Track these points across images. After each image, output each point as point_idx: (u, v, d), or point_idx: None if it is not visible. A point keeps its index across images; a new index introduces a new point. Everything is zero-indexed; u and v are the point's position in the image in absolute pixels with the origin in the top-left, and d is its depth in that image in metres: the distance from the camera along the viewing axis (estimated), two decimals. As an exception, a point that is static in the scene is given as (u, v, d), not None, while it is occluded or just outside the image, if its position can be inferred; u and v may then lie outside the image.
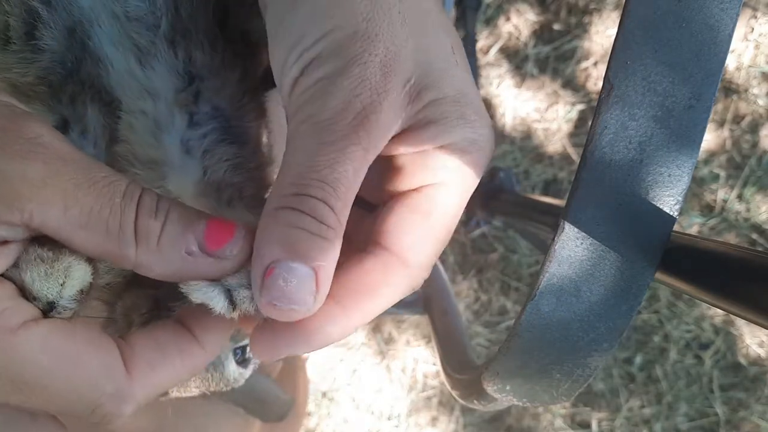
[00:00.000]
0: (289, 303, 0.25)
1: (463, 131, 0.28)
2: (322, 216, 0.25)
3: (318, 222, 0.25)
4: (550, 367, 0.36)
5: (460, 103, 0.28)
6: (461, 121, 0.28)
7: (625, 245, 0.34)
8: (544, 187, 1.58)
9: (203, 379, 0.42)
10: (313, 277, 0.25)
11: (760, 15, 1.57)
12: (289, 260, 0.25)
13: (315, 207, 0.25)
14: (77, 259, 0.27)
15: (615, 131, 0.33)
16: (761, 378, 1.57)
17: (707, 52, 0.33)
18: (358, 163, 0.26)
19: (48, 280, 0.26)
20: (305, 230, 0.25)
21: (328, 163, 0.26)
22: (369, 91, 0.26)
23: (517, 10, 1.58)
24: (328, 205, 0.26)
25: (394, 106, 0.27)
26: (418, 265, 0.28)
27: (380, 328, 1.59)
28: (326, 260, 0.26)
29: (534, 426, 1.58)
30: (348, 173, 0.26)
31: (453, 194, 0.29)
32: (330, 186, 0.26)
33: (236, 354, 0.44)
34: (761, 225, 1.56)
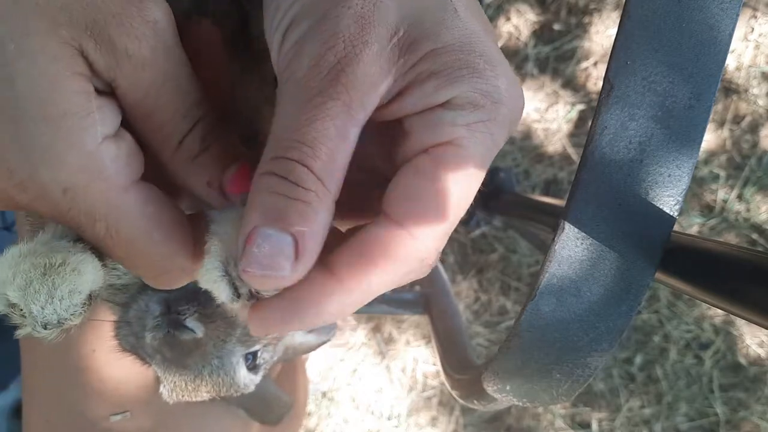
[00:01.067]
0: (262, 269, 0.24)
1: (472, 82, 0.25)
2: (299, 178, 0.24)
3: (293, 185, 0.24)
4: (550, 367, 0.36)
5: (464, 52, 0.25)
6: (467, 71, 0.25)
7: (625, 245, 0.34)
8: (544, 187, 1.58)
9: (214, 384, 0.42)
10: (290, 243, 0.24)
11: (760, 15, 1.57)
12: (265, 226, 0.24)
13: (291, 169, 0.24)
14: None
15: (615, 131, 0.33)
16: (761, 378, 1.57)
17: (707, 52, 0.33)
18: (341, 120, 0.24)
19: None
20: (282, 194, 0.24)
21: (305, 122, 0.24)
22: (343, 44, 0.24)
23: (517, 10, 1.58)
24: (306, 166, 0.24)
25: (378, 59, 0.25)
26: (423, 236, 0.25)
27: (380, 328, 1.59)
28: (307, 224, 0.24)
29: (534, 426, 1.58)
30: (329, 131, 0.24)
31: (466, 155, 0.25)
32: (307, 146, 0.24)
33: (247, 359, 0.44)
34: (761, 225, 1.56)
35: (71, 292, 0.27)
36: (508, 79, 0.26)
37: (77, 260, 0.27)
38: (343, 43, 0.24)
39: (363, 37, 0.25)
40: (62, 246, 0.28)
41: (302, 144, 0.24)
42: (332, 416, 1.58)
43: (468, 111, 0.25)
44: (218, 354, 0.41)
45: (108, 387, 0.53)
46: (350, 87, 0.24)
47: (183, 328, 0.38)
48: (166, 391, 0.43)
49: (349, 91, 0.24)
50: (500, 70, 0.26)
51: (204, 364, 0.41)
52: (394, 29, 0.25)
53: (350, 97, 0.24)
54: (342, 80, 0.24)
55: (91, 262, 0.28)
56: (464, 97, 0.25)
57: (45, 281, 0.26)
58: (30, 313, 0.26)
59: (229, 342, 0.41)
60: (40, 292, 0.26)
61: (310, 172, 0.24)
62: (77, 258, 0.27)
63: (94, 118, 0.24)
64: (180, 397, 0.44)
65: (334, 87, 0.24)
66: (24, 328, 0.27)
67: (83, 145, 0.24)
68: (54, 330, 0.27)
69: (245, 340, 0.42)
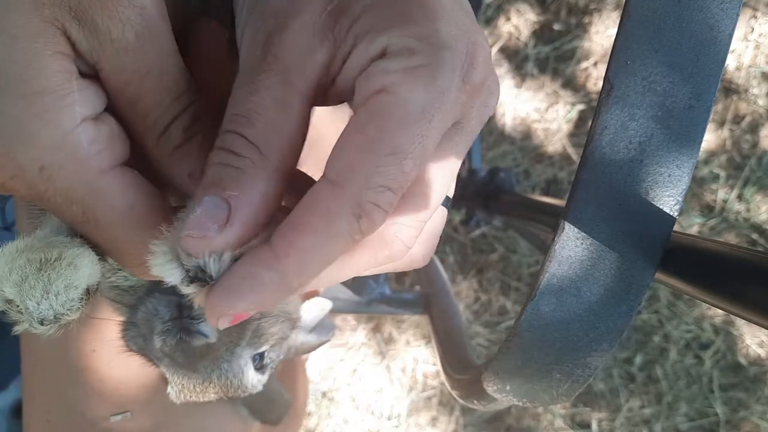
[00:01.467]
0: (188, 228, 0.24)
1: (404, 28, 0.24)
2: (232, 145, 0.24)
3: (228, 152, 0.24)
4: (550, 367, 0.36)
5: (398, 3, 0.24)
6: (399, 19, 0.24)
7: (625, 245, 0.34)
8: (544, 187, 1.58)
9: (222, 386, 0.42)
10: (223, 207, 0.24)
11: (760, 15, 1.57)
12: (203, 193, 0.24)
13: (227, 139, 0.25)
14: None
15: (615, 131, 0.33)
16: (761, 378, 1.57)
17: (707, 52, 0.33)
18: (276, 89, 0.24)
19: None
20: (218, 163, 0.25)
21: (242, 95, 0.25)
22: (273, 18, 0.25)
23: (517, 10, 1.58)
24: (240, 134, 0.24)
25: (312, 27, 0.25)
26: (350, 185, 0.23)
27: (380, 328, 1.59)
28: (239, 189, 0.24)
29: (534, 426, 1.58)
30: (264, 101, 0.24)
31: (398, 101, 0.23)
32: (243, 116, 0.24)
33: (255, 360, 0.44)
34: (761, 225, 1.56)
35: (67, 287, 0.26)
36: (453, 22, 0.24)
37: (73, 254, 0.27)
38: (273, 18, 0.25)
39: (292, 8, 0.25)
40: (59, 241, 0.28)
41: (238, 115, 0.25)
42: (332, 416, 1.58)
43: (402, 57, 0.24)
44: (228, 358, 0.41)
45: (108, 387, 0.54)
46: (280, 57, 0.24)
47: (195, 333, 0.38)
48: (173, 392, 0.43)
49: (279, 61, 0.24)
50: (441, 13, 0.24)
51: (214, 368, 0.41)
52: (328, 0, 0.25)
53: (284, 66, 0.24)
54: (272, 51, 0.24)
55: (88, 256, 0.27)
56: (397, 43, 0.24)
57: (41, 276, 0.26)
58: (26, 309, 0.26)
59: (239, 345, 0.41)
60: (36, 287, 0.26)
61: (243, 139, 0.24)
62: (73, 252, 0.27)
63: (73, 98, 0.24)
64: (187, 398, 0.44)
65: (265, 59, 0.24)
66: (21, 324, 0.26)
67: (59, 124, 0.24)
68: (51, 325, 0.27)
69: (254, 342, 0.42)
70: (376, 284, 0.90)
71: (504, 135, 1.58)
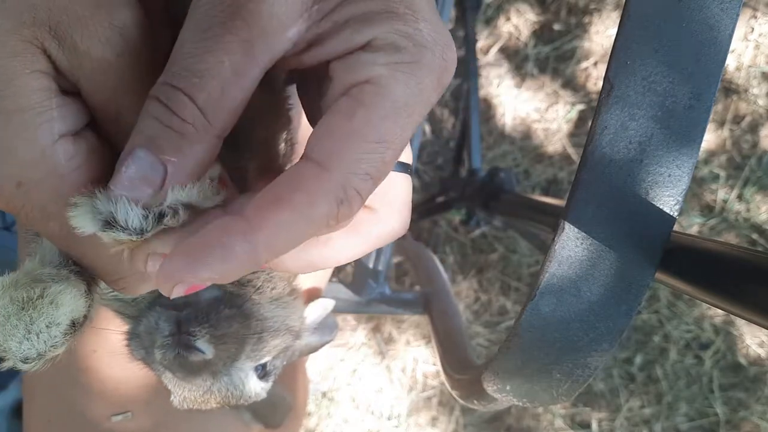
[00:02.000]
0: (122, 188, 0.23)
1: (391, 24, 0.24)
2: (178, 107, 0.23)
3: (171, 112, 0.23)
4: (550, 367, 0.36)
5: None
6: (387, 15, 0.24)
7: (625, 245, 0.34)
8: (544, 187, 1.58)
9: (223, 397, 0.43)
10: (159, 170, 0.23)
11: (760, 15, 1.57)
12: (137, 147, 0.23)
13: (173, 97, 0.23)
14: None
15: (615, 131, 0.33)
16: (761, 378, 1.57)
17: (707, 52, 0.33)
18: (238, 56, 0.23)
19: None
20: (158, 120, 0.23)
21: (198, 51, 0.23)
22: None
23: (517, 10, 1.58)
24: (189, 96, 0.23)
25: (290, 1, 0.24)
26: (336, 169, 0.23)
27: (380, 328, 1.59)
28: (178, 155, 0.23)
29: (534, 426, 1.58)
30: (223, 65, 0.23)
31: (384, 94, 0.24)
32: (195, 76, 0.23)
33: (257, 370, 0.44)
34: (761, 225, 1.56)
35: (49, 326, 0.26)
36: (432, 25, 0.25)
37: (55, 292, 0.27)
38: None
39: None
40: (45, 274, 0.28)
41: (190, 73, 0.23)
42: (332, 416, 1.58)
43: (388, 52, 0.24)
44: (227, 372, 0.42)
45: (109, 387, 0.53)
46: (251, 23, 0.23)
47: (193, 349, 0.38)
48: (176, 400, 0.44)
49: (250, 27, 0.23)
50: (423, 15, 0.25)
51: (213, 381, 0.42)
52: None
53: (251, 34, 0.23)
54: (243, 14, 0.23)
55: (70, 292, 0.27)
56: (384, 38, 0.24)
57: (22, 316, 0.26)
58: (9, 349, 0.26)
59: (238, 360, 0.42)
60: (18, 327, 0.26)
61: (192, 102, 0.23)
62: (56, 289, 0.27)
63: (51, 115, 0.24)
64: (190, 406, 0.44)
65: (233, 20, 0.23)
66: (7, 361, 0.27)
67: (36, 141, 0.24)
68: (36, 362, 0.27)
69: (254, 355, 0.42)
70: (376, 284, 0.90)
71: (504, 135, 1.58)
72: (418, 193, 1.58)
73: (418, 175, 1.58)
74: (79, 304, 0.28)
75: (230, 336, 0.39)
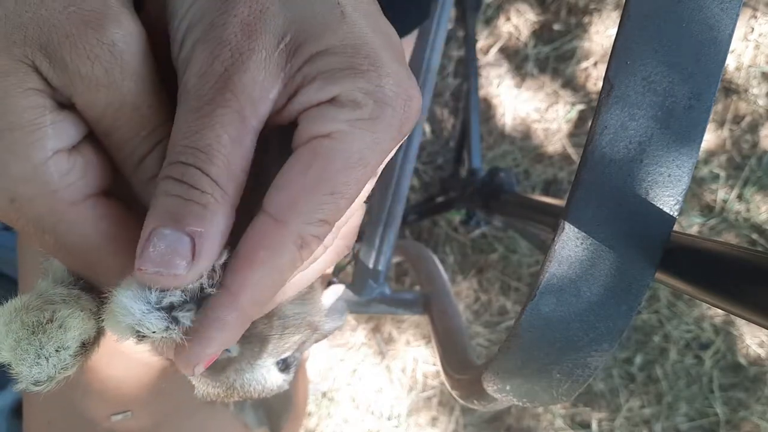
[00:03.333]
0: (155, 266, 0.24)
1: (354, 81, 0.26)
2: (194, 181, 0.25)
3: (189, 187, 0.25)
4: (550, 367, 0.36)
5: (347, 54, 0.26)
6: (350, 71, 0.26)
7: (625, 245, 0.34)
8: (544, 187, 1.58)
9: (246, 392, 0.43)
10: (187, 243, 0.24)
11: (760, 15, 1.57)
12: (162, 227, 0.24)
13: (186, 172, 0.25)
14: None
15: (615, 131, 0.33)
16: (761, 378, 1.57)
17: (707, 52, 0.33)
18: (233, 128, 0.25)
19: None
20: (178, 196, 0.25)
21: (197, 128, 0.25)
22: (229, 52, 0.25)
23: (517, 10, 1.58)
24: (201, 170, 0.25)
25: (266, 66, 0.26)
26: (291, 220, 0.25)
27: (380, 328, 1.59)
28: (203, 226, 0.25)
29: (534, 426, 1.58)
30: (222, 139, 0.25)
31: (342, 149, 0.26)
32: (201, 152, 0.25)
33: (278, 364, 0.45)
34: (761, 225, 1.56)
35: (58, 350, 0.27)
36: (395, 79, 0.27)
37: (64, 315, 0.27)
38: (230, 52, 0.25)
39: (249, 44, 0.25)
40: (57, 295, 0.28)
41: (196, 150, 0.25)
42: (332, 416, 1.58)
43: (350, 109, 0.26)
44: (250, 369, 0.42)
45: (109, 386, 0.53)
46: (239, 94, 0.25)
47: None
48: (199, 393, 0.45)
49: (238, 98, 0.25)
50: (387, 71, 0.26)
51: (236, 378, 0.42)
52: (281, 35, 0.26)
53: (240, 104, 0.25)
54: (230, 88, 0.25)
55: (78, 315, 0.28)
56: (346, 95, 0.26)
57: (33, 341, 0.27)
58: (20, 373, 0.27)
59: (261, 358, 0.42)
60: (29, 352, 0.27)
61: (205, 175, 0.25)
62: (65, 313, 0.27)
63: (44, 132, 0.25)
64: (212, 400, 0.45)
65: (222, 95, 0.25)
66: (20, 383, 0.27)
67: (29, 158, 0.25)
68: (47, 383, 0.28)
69: (276, 351, 0.43)
70: (376, 284, 0.90)
71: (504, 135, 1.58)
72: (418, 193, 1.58)
73: (418, 175, 1.58)
74: (88, 326, 0.28)
75: (254, 336, 0.40)
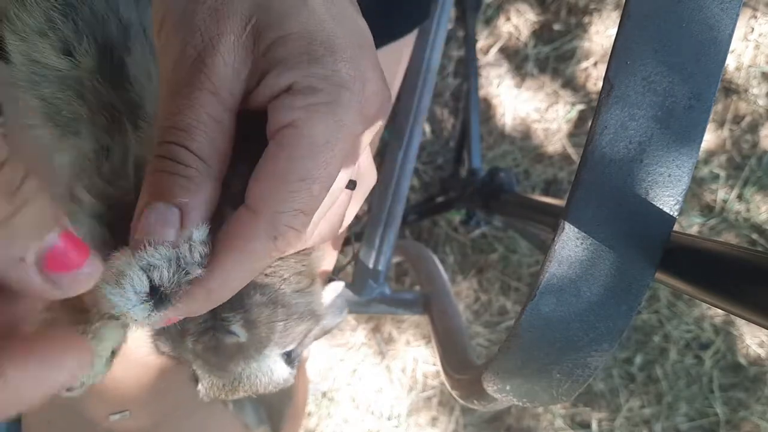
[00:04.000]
0: (147, 234, 0.26)
1: (309, 67, 0.27)
2: (178, 156, 0.26)
3: (174, 162, 0.26)
4: (550, 367, 0.36)
5: (305, 40, 0.27)
6: (305, 57, 0.27)
7: (625, 245, 0.34)
8: (544, 187, 1.58)
9: (252, 385, 0.44)
10: (174, 213, 0.26)
11: (760, 15, 1.57)
12: (153, 200, 0.26)
13: (170, 150, 0.26)
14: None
15: (615, 131, 0.33)
16: (761, 378, 1.57)
17: (707, 52, 0.33)
18: (212, 107, 0.27)
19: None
20: (165, 171, 0.26)
21: (177, 109, 0.27)
22: (200, 37, 0.27)
23: (517, 10, 1.58)
24: (184, 147, 0.26)
25: (236, 47, 0.27)
26: (264, 211, 0.27)
27: (380, 328, 1.59)
28: (189, 196, 0.26)
29: (534, 426, 1.58)
30: (202, 117, 0.27)
31: (302, 135, 0.27)
32: (183, 130, 0.26)
33: (284, 357, 0.45)
34: (761, 225, 1.56)
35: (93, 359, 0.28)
36: (351, 63, 0.28)
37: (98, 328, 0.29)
38: (200, 36, 0.27)
39: (218, 28, 0.27)
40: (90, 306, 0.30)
41: (176, 129, 0.27)
42: (332, 416, 1.58)
43: (306, 95, 0.27)
44: (257, 357, 0.43)
45: (107, 386, 0.53)
46: (212, 75, 0.27)
47: (228, 333, 0.39)
48: (203, 389, 0.45)
49: (212, 80, 0.27)
50: (342, 55, 0.28)
51: (244, 367, 0.43)
52: (247, 18, 0.27)
53: (214, 85, 0.27)
54: (204, 71, 0.27)
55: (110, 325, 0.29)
56: (302, 81, 0.27)
57: None
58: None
59: (268, 346, 0.43)
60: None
61: (188, 151, 0.27)
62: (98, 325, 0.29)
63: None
64: (217, 395, 0.45)
65: (197, 77, 0.27)
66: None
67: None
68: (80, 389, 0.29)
69: (282, 341, 0.44)
70: (376, 284, 0.89)
71: (504, 135, 1.58)
72: (418, 193, 1.58)
73: (418, 175, 1.58)
74: (118, 335, 0.30)
75: (261, 322, 0.41)
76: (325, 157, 0.27)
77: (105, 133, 0.36)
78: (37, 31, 0.35)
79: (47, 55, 0.35)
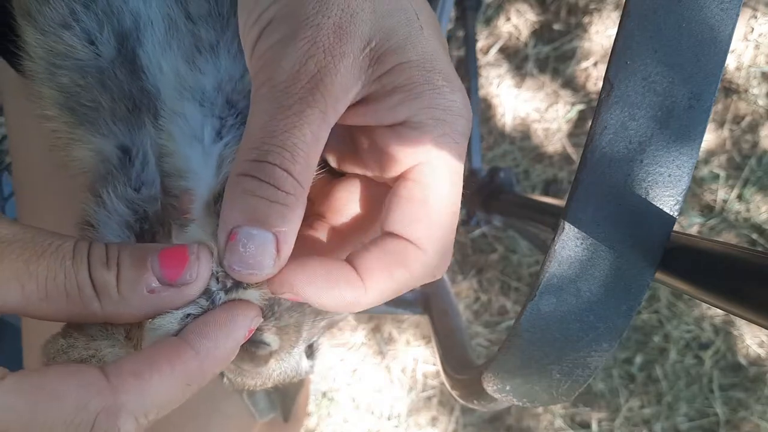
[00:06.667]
0: (248, 268, 0.26)
1: (432, 97, 0.27)
2: (280, 182, 0.26)
3: (275, 189, 0.26)
4: (550, 367, 0.36)
5: (426, 69, 0.27)
6: (428, 87, 0.27)
7: (625, 245, 0.34)
8: (544, 187, 1.58)
9: (280, 380, 0.45)
10: (273, 242, 0.26)
11: (760, 15, 1.57)
12: (249, 226, 0.26)
13: (272, 173, 0.26)
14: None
15: (615, 131, 0.33)
16: (761, 378, 1.57)
17: (707, 52, 0.33)
18: (316, 126, 0.26)
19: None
20: (264, 198, 0.26)
21: (286, 127, 0.26)
22: (323, 53, 0.26)
23: (517, 10, 1.58)
24: (286, 171, 0.26)
25: (352, 69, 0.27)
26: (431, 249, 0.29)
27: (380, 328, 1.59)
28: (286, 225, 0.26)
29: (534, 426, 1.58)
30: (306, 137, 0.26)
31: (442, 170, 0.28)
32: (288, 151, 0.26)
33: (307, 350, 0.46)
34: (761, 225, 1.56)
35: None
36: (462, 94, 0.29)
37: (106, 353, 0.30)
38: (323, 53, 0.26)
39: (341, 47, 0.26)
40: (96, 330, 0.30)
41: (282, 149, 0.26)
42: (332, 416, 1.58)
43: (432, 126, 0.28)
44: (287, 358, 0.44)
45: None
46: (327, 95, 0.26)
47: (259, 343, 0.40)
48: (228, 383, 0.46)
49: (326, 99, 0.26)
50: (456, 85, 0.28)
51: (275, 368, 0.44)
52: (367, 41, 0.27)
53: (326, 104, 0.26)
54: (320, 89, 0.26)
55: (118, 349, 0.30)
56: (426, 112, 0.27)
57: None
58: None
59: (297, 346, 0.43)
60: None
61: (289, 176, 0.26)
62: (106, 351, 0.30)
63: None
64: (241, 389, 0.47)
65: (313, 95, 0.26)
66: None
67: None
68: None
69: (308, 338, 0.45)
70: (376, 284, 0.89)
71: (504, 135, 1.58)
72: (418, 193, 1.57)
73: (418, 175, 1.57)
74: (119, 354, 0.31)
75: (291, 326, 0.41)
76: (459, 181, 0.29)
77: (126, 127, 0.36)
78: (61, 24, 0.35)
79: (72, 45, 0.35)
